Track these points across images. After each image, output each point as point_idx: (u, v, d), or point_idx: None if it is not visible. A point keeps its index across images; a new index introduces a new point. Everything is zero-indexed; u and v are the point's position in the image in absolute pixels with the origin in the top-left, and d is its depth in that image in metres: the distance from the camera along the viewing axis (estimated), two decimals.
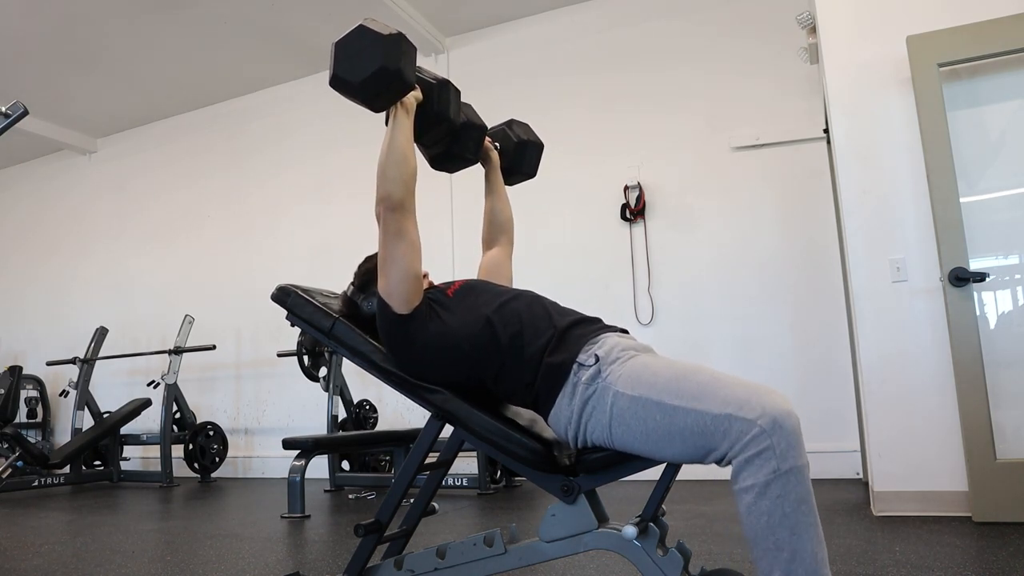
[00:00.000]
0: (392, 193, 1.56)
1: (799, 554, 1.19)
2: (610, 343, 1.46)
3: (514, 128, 2.11)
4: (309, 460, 3.83)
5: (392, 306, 1.57)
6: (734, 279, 4.67)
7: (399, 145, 1.59)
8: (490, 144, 2.03)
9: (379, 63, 1.53)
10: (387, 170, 1.57)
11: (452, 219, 5.53)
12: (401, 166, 1.57)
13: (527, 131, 2.13)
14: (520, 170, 2.11)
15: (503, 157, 2.07)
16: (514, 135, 2.09)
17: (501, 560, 1.51)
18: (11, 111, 2.16)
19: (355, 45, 1.55)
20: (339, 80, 1.58)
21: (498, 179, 2.05)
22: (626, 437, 1.36)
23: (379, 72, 1.54)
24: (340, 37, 1.59)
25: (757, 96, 4.75)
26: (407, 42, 1.59)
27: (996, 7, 2.99)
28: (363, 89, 1.56)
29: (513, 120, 2.13)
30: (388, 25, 1.58)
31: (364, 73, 1.54)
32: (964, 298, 2.92)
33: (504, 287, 1.70)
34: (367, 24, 1.57)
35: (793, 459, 1.20)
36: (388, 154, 1.58)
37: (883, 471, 3.04)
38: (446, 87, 1.73)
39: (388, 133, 1.61)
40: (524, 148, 2.10)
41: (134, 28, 5.43)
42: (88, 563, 2.65)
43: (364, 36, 1.55)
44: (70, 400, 6.15)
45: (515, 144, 2.08)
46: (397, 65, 1.55)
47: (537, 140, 2.14)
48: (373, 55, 1.54)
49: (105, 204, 7.33)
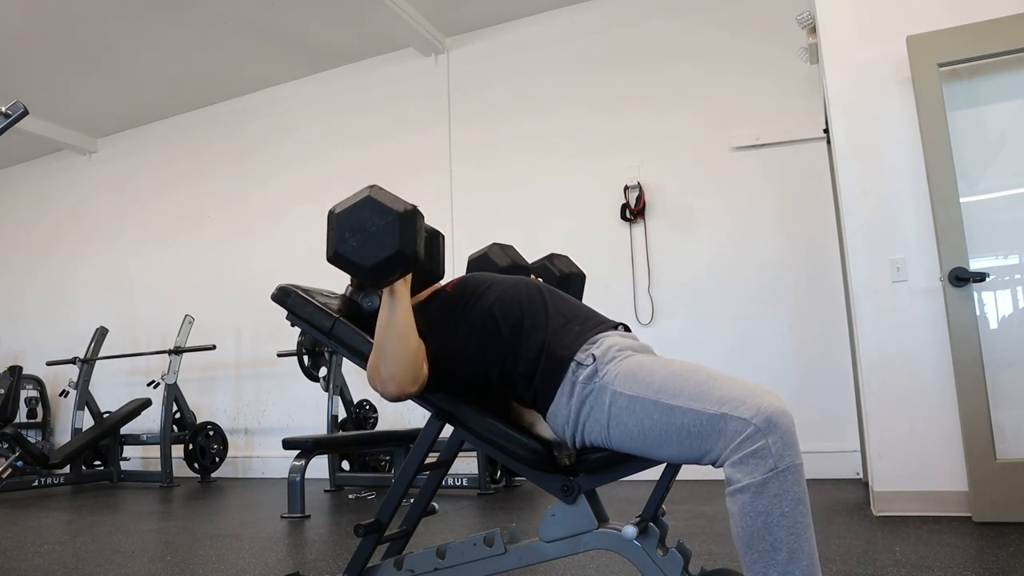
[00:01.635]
0: (396, 375, 1.44)
1: (797, 555, 1.18)
2: (608, 342, 1.45)
3: (555, 263, 2.11)
4: (309, 460, 3.83)
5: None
6: (734, 279, 4.68)
7: (400, 320, 1.44)
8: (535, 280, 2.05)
9: (395, 248, 1.33)
10: (387, 349, 1.44)
11: (452, 219, 5.53)
12: (405, 342, 1.44)
13: (568, 264, 2.13)
14: None
15: None
16: (556, 270, 2.09)
17: (501, 560, 1.51)
18: (11, 111, 2.16)
19: (364, 221, 1.35)
20: (343, 259, 1.36)
21: None
22: (624, 437, 1.36)
23: (395, 256, 1.34)
24: (342, 207, 1.38)
25: (757, 96, 4.75)
26: (420, 216, 1.39)
27: (996, 7, 3.00)
28: (372, 272, 1.37)
29: (554, 254, 2.14)
30: (397, 197, 1.39)
31: (376, 257, 1.34)
32: (964, 298, 2.92)
33: (501, 276, 1.68)
34: (375, 196, 1.36)
35: (790, 458, 1.20)
36: (387, 330, 1.44)
37: (883, 471, 3.04)
38: (436, 239, 1.62)
39: (387, 310, 1.45)
40: (568, 281, 2.08)
41: (134, 28, 5.43)
42: (88, 563, 2.65)
43: (375, 213, 1.35)
44: (70, 400, 6.16)
45: (558, 279, 2.08)
46: (413, 248, 1.36)
47: (579, 272, 2.13)
48: (387, 237, 1.34)
49: (105, 204, 7.33)
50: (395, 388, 1.47)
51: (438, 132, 5.72)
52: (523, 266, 1.98)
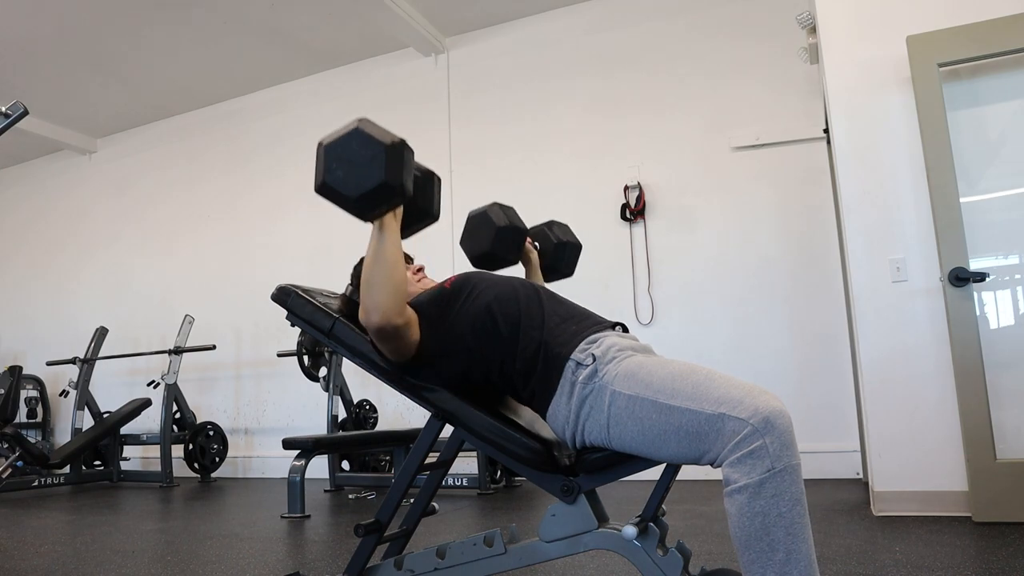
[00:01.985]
0: (381, 304, 1.45)
1: (794, 555, 1.17)
2: (607, 342, 1.46)
3: (554, 229, 2.13)
4: (309, 460, 3.82)
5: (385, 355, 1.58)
6: (734, 279, 4.68)
7: (388, 250, 1.46)
8: (530, 245, 2.06)
9: (380, 178, 1.36)
10: (373, 277, 1.45)
11: (452, 219, 5.53)
12: (391, 272, 1.45)
13: (566, 232, 2.15)
14: (558, 269, 2.12)
15: (542, 257, 2.09)
16: (554, 236, 2.11)
17: (501, 560, 1.51)
18: (11, 111, 2.15)
19: (351, 152, 1.37)
20: (330, 190, 1.40)
21: (538, 277, 2.07)
22: (623, 437, 1.36)
23: (380, 188, 1.37)
24: (329, 139, 1.40)
25: (757, 96, 4.75)
26: (408, 149, 1.42)
27: (996, 7, 2.99)
28: (358, 204, 1.40)
29: (553, 221, 2.16)
30: (386, 130, 1.41)
31: (362, 188, 1.37)
32: (964, 298, 2.91)
33: (500, 275, 1.69)
34: (363, 127, 1.38)
35: (787, 458, 1.19)
36: (374, 261, 1.45)
37: (883, 471, 3.04)
38: (431, 180, 1.63)
39: (374, 241, 1.47)
40: (563, 249, 2.11)
41: (134, 28, 5.43)
42: (88, 563, 2.65)
43: (363, 144, 1.37)
44: (70, 400, 6.16)
45: (554, 245, 2.10)
46: (400, 180, 1.39)
47: (576, 241, 2.15)
48: (374, 168, 1.36)
49: (105, 204, 7.33)
50: (379, 317, 1.46)
51: (438, 132, 5.72)
52: (521, 228, 1.97)
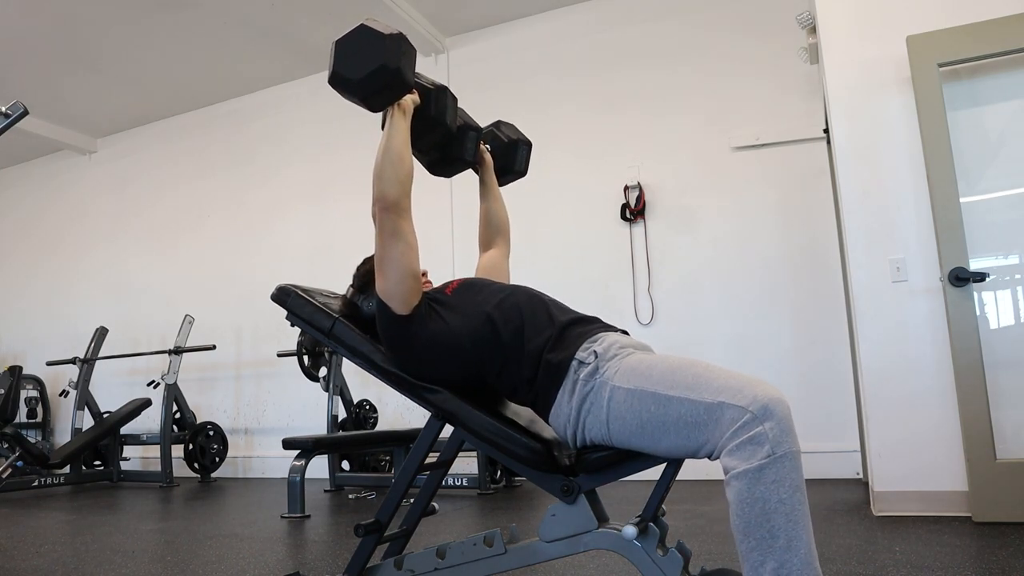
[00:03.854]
0: (387, 193, 1.56)
1: (794, 542, 1.17)
2: (609, 340, 1.46)
3: (502, 129, 2.14)
4: (309, 460, 3.83)
5: (392, 307, 1.57)
6: (734, 279, 4.67)
7: (395, 145, 1.59)
8: (483, 147, 2.05)
9: (379, 61, 1.54)
10: (383, 170, 1.58)
11: (452, 219, 5.53)
12: (397, 166, 1.58)
13: (515, 131, 2.16)
14: (512, 169, 2.13)
15: (495, 158, 2.09)
16: (503, 135, 2.12)
17: (501, 560, 1.51)
18: (11, 111, 2.16)
19: (355, 43, 1.56)
20: (338, 77, 1.58)
21: (492, 180, 2.07)
22: (623, 431, 1.36)
23: (379, 70, 1.54)
24: (341, 36, 1.60)
25: (757, 96, 4.75)
26: (407, 43, 1.59)
27: (996, 7, 2.99)
28: (362, 86, 1.57)
29: (500, 121, 2.16)
30: (389, 25, 1.59)
31: (364, 71, 1.55)
32: (964, 298, 2.91)
33: (502, 283, 1.70)
34: (368, 23, 1.57)
35: (787, 444, 1.19)
36: (384, 154, 1.59)
37: (883, 471, 3.04)
38: (444, 93, 1.74)
39: (385, 134, 1.62)
40: (515, 147, 2.12)
41: (134, 28, 5.43)
42: (88, 563, 2.65)
43: (365, 35, 1.56)
44: (70, 400, 6.15)
45: (505, 144, 2.11)
46: (397, 64, 1.55)
47: (526, 139, 2.16)
48: (373, 53, 1.54)
49: (105, 204, 7.33)
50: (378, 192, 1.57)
51: None
52: (473, 127, 1.94)
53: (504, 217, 2.08)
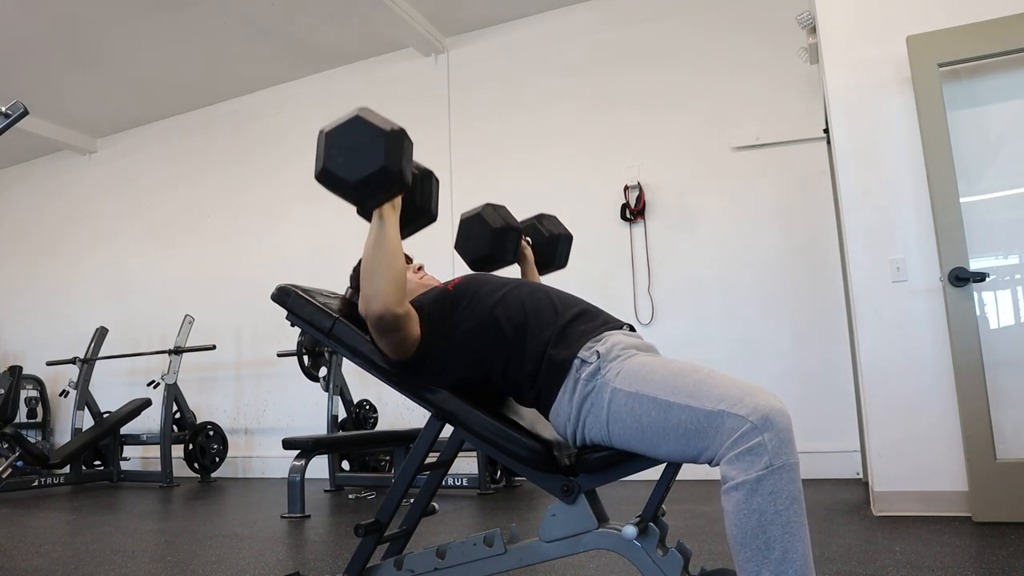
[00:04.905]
0: (381, 292, 1.43)
1: (790, 554, 1.17)
2: (612, 340, 1.45)
3: (544, 223, 2.13)
4: (309, 460, 3.83)
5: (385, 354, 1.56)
6: (734, 279, 4.67)
7: (388, 240, 1.45)
8: (525, 242, 2.06)
9: (380, 163, 1.38)
10: (374, 267, 1.44)
11: (452, 219, 5.52)
12: (392, 262, 1.44)
13: (556, 224, 2.15)
14: (552, 263, 2.13)
15: (536, 252, 2.09)
16: (545, 230, 2.11)
17: (501, 560, 1.51)
18: (11, 111, 2.16)
19: (351, 139, 1.40)
20: (330, 176, 1.41)
21: (534, 274, 2.07)
22: (623, 434, 1.36)
23: (379, 173, 1.39)
24: (330, 126, 1.43)
25: (757, 96, 4.75)
26: (408, 139, 1.44)
27: (996, 7, 2.99)
28: (357, 189, 1.41)
29: (543, 214, 2.16)
30: (387, 119, 1.44)
31: (361, 172, 1.39)
32: (964, 298, 2.91)
33: (505, 278, 1.68)
34: (363, 115, 1.41)
35: (786, 456, 1.19)
36: (375, 250, 1.44)
37: (883, 471, 3.04)
38: (429, 179, 1.65)
39: (374, 229, 1.46)
40: (556, 242, 2.11)
41: (134, 28, 5.43)
42: (88, 563, 2.65)
43: (363, 130, 1.40)
44: (70, 400, 6.15)
45: (547, 239, 2.10)
46: (399, 166, 1.40)
47: (567, 233, 2.15)
48: (373, 153, 1.38)
49: (105, 204, 7.33)
50: (379, 306, 1.44)
51: (438, 132, 5.72)
52: (516, 227, 1.97)
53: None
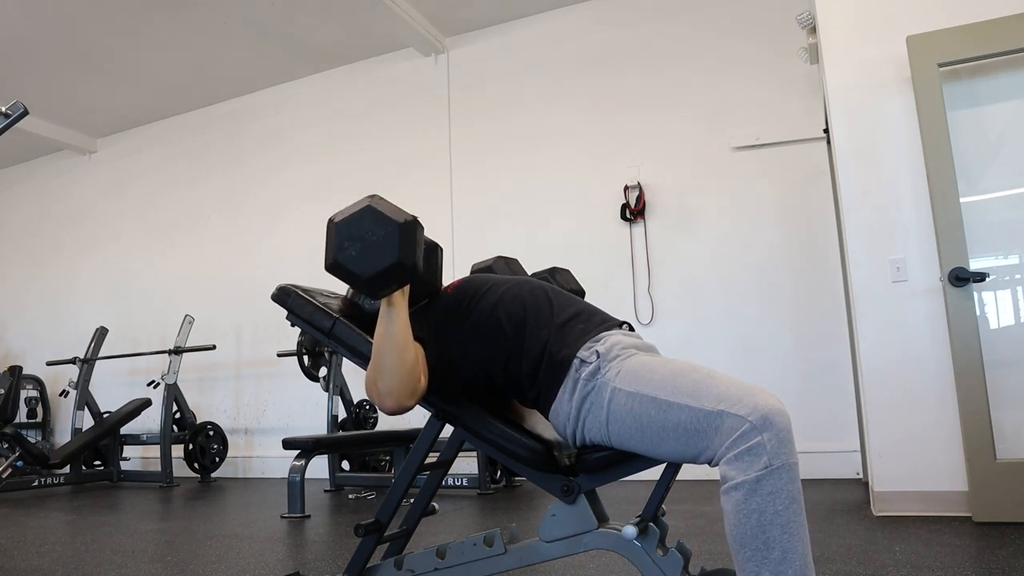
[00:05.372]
0: (394, 389, 1.42)
1: (789, 554, 1.17)
2: (612, 340, 1.45)
3: (557, 278, 2.11)
4: (309, 460, 3.83)
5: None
6: (734, 279, 4.68)
7: (398, 331, 1.42)
8: None
9: (394, 258, 1.33)
10: (383, 362, 1.42)
11: (452, 219, 5.53)
12: (403, 354, 1.42)
13: (569, 279, 2.14)
14: None
15: None
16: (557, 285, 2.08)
17: (501, 560, 1.51)
18: (11, 111, 2.16)
19: (364, 230, 1.34)
20: (341, 269, 1.36)
21: None
22: (622, 433, 1.36)
23: (394, 267, 1.34)
24: (341, 215, 1.38)
25: (757, 96, 4.76)
26: (420, 227, 1.39)
27: (996, 7, 3.00)
28: (370, 284, 1.37)
29: (556, 268, 2.14)
30: (399, 207, 1.39)
31: (375, 267, 1.34)
32: (964, 298, 2.91)
33: (503, 276, 1.68)
34: (376, 206, 1.36)
35: (785, 456, 1.19)
36: (384, 342, 1.42)
37: (883, 471, 3.04)
38: (435, 252, 1.62)
39: (384, 322, 1.43)
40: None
41: (134, 28, 5.43)
42: (88, 563, 2.65)
43: (376, 222, 1.34)
44: (70, 400, 6.15)
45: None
46: (413, 260, 1.35)
47: (580, 289, 2.14)
48: (387, 247, 1.33)
49: (105, 204, 7.33)
50: (392, 402, 1.45)
51: (438, 132, 5.72)
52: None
53: None
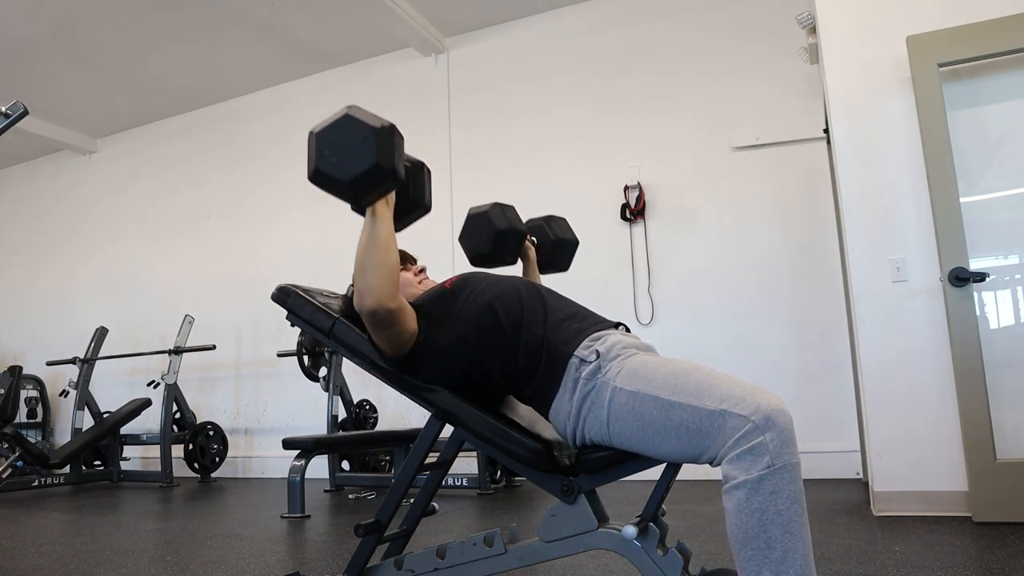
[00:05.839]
0: (374, 287, 1.45)
1: (790, 554, 1.17)
2: (611, 340, 1.46)
3: (552, 226, 2.13)
4: (309, 460, 3.83)
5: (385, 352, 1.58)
6: (734, 279, 4.68)
7: (381, 236, 1.46)
8: (528, 241, 2.07)
9: (372, 161, 1.38)
10: (367, 262, 1.46)
11: (452, 219, 5.53)
12: (385, 257, 1.46)
13: (564, 228, 2.15)
14: (554, 265, 2.13)
15: (539, 252, 2.09)
16: (552, 232, 2.11)
17: (501, 560, 1.51)
18: (11, 111, 2.16)
19: (343, 137, 1.39)
20: (323, 177, 1.41)
21: (535, 273, 2.08)
22: (623, 433, 1.36)
23: (372, 171, 1.38)
24: (320, 126, 1.43)
25: (757, 96, 4.75)
26: (398, 134, 1.44)
27: (996, 7, 2.99)
28: (351, 188, 1.41)
29: (552, 216, 2.15)
30: (376, 115, 1.43)
31: (354, 171, 1.38)
32: (964, 298, 2.91)
33: (501, 275, 1.69)
34: (353, 113, 1.41)
35: (787, 456, 1.19)
36: (368, 246, 1.46)
37: (883, 471, 3.04)
38: (421, 171, 1.64)
39: (367, 225, 1.48)
40: (561, 246, 2.11)
41: (134, 28, 5.43)
42: (88, 563, 2.65)
43: (353, 128, 1.39)
44: (70, 400, 6.16)
45: (552, 242, 2.11)
46: (392, 164, 1.40)
47: (574, 238, 2.15)
48: (364, 151, 1.38)
49: (105, 204, 7.33)
50: (373, 301, 1.46)
51: (438, 132, 5.72)
52: (521, 231, 1.98)
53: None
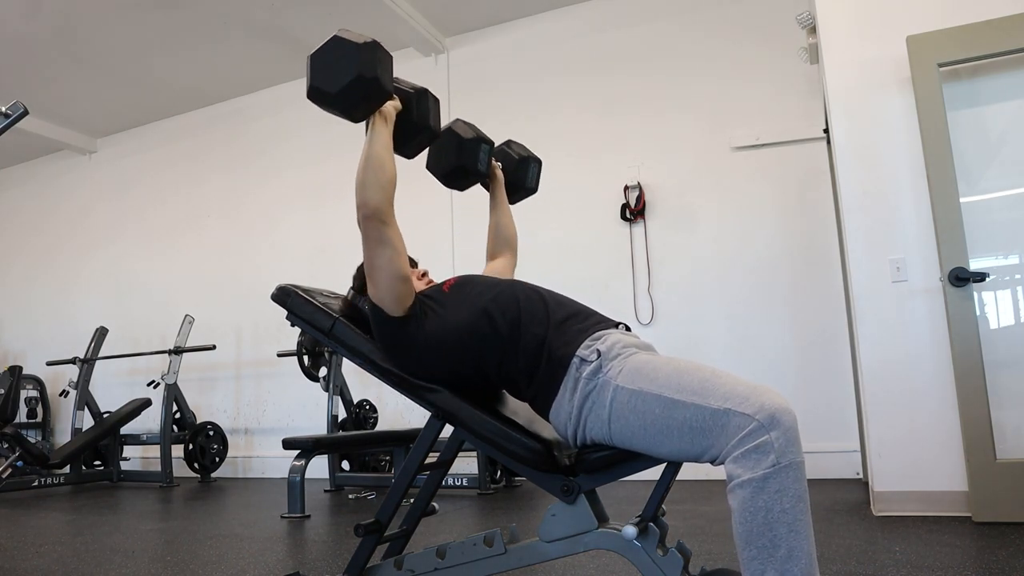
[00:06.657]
0: (370, 200, 1.55)
1: (795, 552, 1.17)
2: (612, 339, 1.46)
3: (512, 147, 2.18)
4: (309, 460, 3.83)
5: (386, 310, 1.58)
6: (734, 279, 4.67)
7: (377, 152, 1.58)
8: (495, 163, 2.09)
9: (355, 72, 1.52)
10: (365, 177, 1.57)
11: (452, 219, 5.53)
12: (379, 173, 1.56)
13: (525, 149, 2.20)
14: (523, 186, 2.18)
15: (506, 175, 2.13)
16: (514, 153, 2.16)
17: (501, 560, 1.51)
18: (11, 111, 2.16)
19: (330, 55, 1.54)
20: (316, 91, 1.57)
21: (503, 195, 2.10)
22: (625, 432, 1.35)
23: (355, 81, 1.53)
24: (315, 50, 1.58)
25: (757, 96, 4.75)
26: (382, 50, 1.57)
27: (996, 7, 2.99)
28: (340, 99, 1.56)
29: (511, 140, 2.20)
30: (362, 34, 1.57)
31: (340, 83, 1.53)
32: (964, 298, 2.91)
33: (499, 278, 1.70)
34: (341, 34, 1.55)
35: (792, 455, 1.19)
36: (366, 161, 1.58)
37: (883, 471, 3.04)
38: (424, 96, 1.73)
39: (366, 142, 1.61)
40: (526, 164, 2.16)
41: (134, 28, 5.43)
42: (88, 563, 2.65)
43: (338, 46, 1.54)
44: (70, 400, 6.15)
45: (516, 161, 2.15)
46: (373, 73, 1.54)
47: (535, 157, 2.20)
48: (348, 64, 1.53)
49: (105, 204, 7.33)
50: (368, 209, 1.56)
51: None
52: (487, 139, 1.99)
53: (513, 231, 2.12)
